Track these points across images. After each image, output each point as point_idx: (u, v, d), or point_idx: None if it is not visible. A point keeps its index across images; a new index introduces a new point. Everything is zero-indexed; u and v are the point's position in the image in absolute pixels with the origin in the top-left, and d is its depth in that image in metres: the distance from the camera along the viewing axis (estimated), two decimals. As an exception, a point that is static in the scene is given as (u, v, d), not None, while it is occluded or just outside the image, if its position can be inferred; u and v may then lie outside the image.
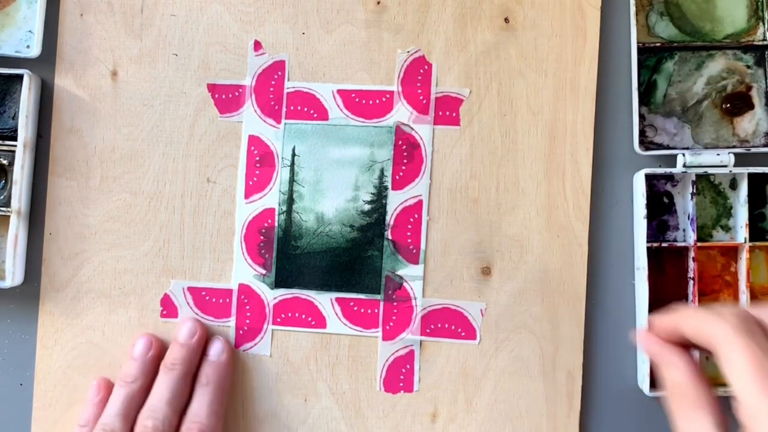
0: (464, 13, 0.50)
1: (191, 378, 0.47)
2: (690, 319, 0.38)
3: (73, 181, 0.50)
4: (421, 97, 0.49)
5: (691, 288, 0.48)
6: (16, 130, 0.49)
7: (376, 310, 0.49)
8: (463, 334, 0.49)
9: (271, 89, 0.50)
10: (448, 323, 0.49)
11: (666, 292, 0.49)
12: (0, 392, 0.51)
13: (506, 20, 0.50)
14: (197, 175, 0.50)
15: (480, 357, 0.48)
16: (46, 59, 0.51)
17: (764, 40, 0.49)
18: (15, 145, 0.49)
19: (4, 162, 0.49)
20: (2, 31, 0.50)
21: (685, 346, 0.39)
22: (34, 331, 0.51)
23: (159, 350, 0.48)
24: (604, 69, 0.50)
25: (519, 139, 0.49)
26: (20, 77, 0.49)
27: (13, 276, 0.49)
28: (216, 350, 0.49)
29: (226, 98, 0.50)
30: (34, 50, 0.50)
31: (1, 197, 0.50)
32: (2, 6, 0.51)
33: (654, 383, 0.48)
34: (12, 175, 0.49)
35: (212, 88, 0.50)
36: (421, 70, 0.49)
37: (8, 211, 0.49)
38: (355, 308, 0.49)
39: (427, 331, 0.49)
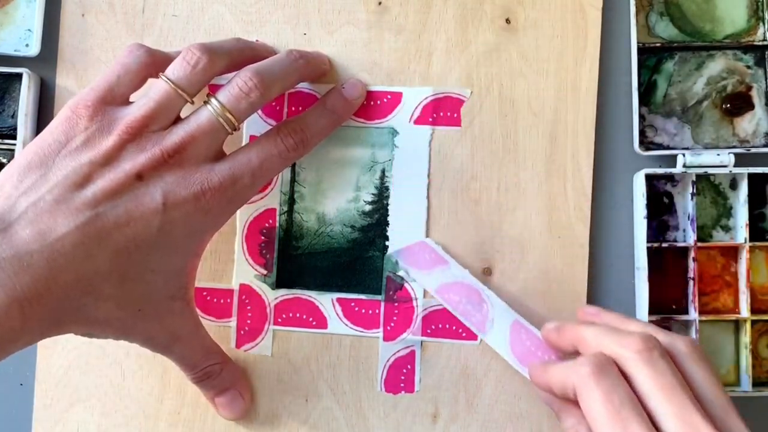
0: (465, 13, 0.50)
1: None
2: (553, 374, 0.41)
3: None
4: None
5: (691, 288, 0.48)
6: (15, 129, 0.50)
7: (377, 311, 0.49)
8: (464, 334, 0.49)
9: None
10: (448, 324, 0.49)
11: (666, 292, 0.49)
12: (0, 392, 0.51)
13: (507, 21, 0.50)
14: (198, 175, 0.50)
15: (481, 357, 0.48)
16: (46, 58, 0.51)
17: (764, 40, 0.49)
18: (14, 144, 0.50)
19: (4, 161, 0.50)
20: (1, 29, 0.51)
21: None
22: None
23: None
24: (604, 69, 0.50)
25: (520, 140, 0.49)
26: (19, 76, 0.50)
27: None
28: (353, 90, 0.49)
29: (228, 99, 0.50)
30: (34, 49, 0.50)
31: (2, 197, 0.50)
32: (1, 5, 0.51)
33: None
34: (12, 175, 0.50)
35: (213, 89, 0.50)
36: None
37: (8, 211, 0.49)
38: (356, 309, 0.49)
39: (428, 331, 0.49)
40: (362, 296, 0.49)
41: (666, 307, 0.49)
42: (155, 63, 0.44)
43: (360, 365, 0.49)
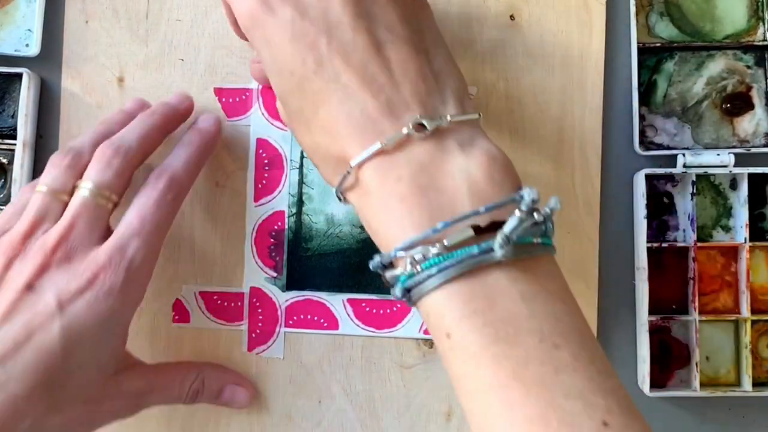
0: (469, 11, 0.50)
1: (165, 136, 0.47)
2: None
3: (82, 188, 0.50)
4: None
5: (691, 288, 0.49)
6: (15, 129, 0.49)
7: (388, 311, 0.50)
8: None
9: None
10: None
11: (666, 292, 0.50)
12: None
13: (512, 17, 0.50)
14: (206, 179, 0.50)
15: (492, 356, 0.49)
16: (46, 58, 0.50)
17: (764, 40, 0.50)
18: (14, 144, 0.49)
19: (4, 161, 0.50)
20: (1, 29, 0.50)
21: None
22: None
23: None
24: (605, 69, 0.50)
25: (527, 136, 0.50)
26: (19, 76, 0.49)
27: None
28: (206, 121, 0.48)
29: (233, 102, 0.50)
30: (33, 49, 0.50)
31: (1, 196, 0.50)
32: (1, 5, 0.50)
33: (654, 383, 0.49)
34: (12, 174, 0.49)
35: (219, 92, 0.50)
36: None
37: (8, 210, 0.49)
38: (368, 309, 0.50)
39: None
40: (373, 296, 0.50)
41: (666, 307, 0.50)
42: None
43: (372, 365, 0.50)
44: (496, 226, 0.34)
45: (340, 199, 0.39)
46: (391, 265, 0.36)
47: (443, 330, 0.34)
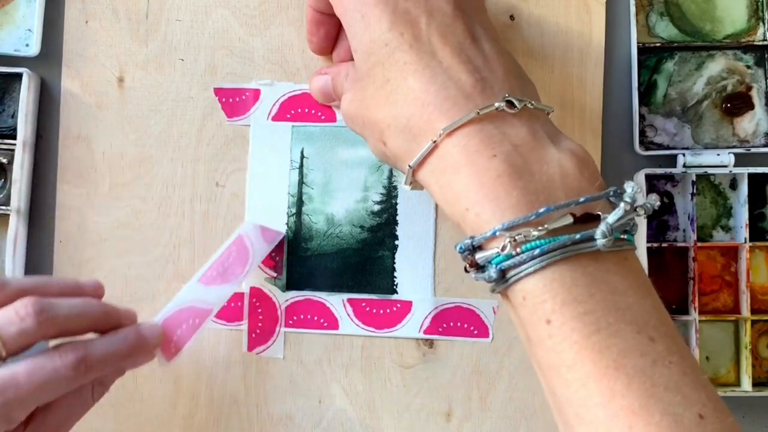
0: (469, 12, 0.50)
1: None
2: None
3: (82, 188, 0.50)
4: None
5: (691, 288, 0.49)
6: (15, 129, 0.49)
7: (388, 311, 0.50)
8: (475, 332, 0.50)
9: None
10: (460, 322, 0.50)
11: (666, 292, 0.50)
12: None
13: (511, 17, 0.50)
14: (206, 179, 0.50)
15: (493, 355, 0.50)
16: (46, 58, 0.50)
17: (764, 40, 0.50)
18: (14, 144, 0.49)
19: (4, 161, 0.50)
20: (1, 29, 0.50)
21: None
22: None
23: None
24: (605, 69, 0.50)
25: (527, 138, 0.50)
26: (19, 76, 0.49)
27: (13, 275, 0.49)
28: (151, 330, 0.43)
29: (233, 102, 0.50)
30: (33, 49, 0.50)
31: (1, 195, 0.50)
32: (1, 5, 0.50)
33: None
34: (11, 174, 0.49)
35: (219, 92, 0.50)
36: None
37: (8, 210, 0.49)
38: (367, 309, 0.50)
39: (439, 330, 0.50)
40: (373, 296, 0.50)
41: (666, 307, 0.49)
42: None
43: (372, 365, 0.50)
44: (590, 217, 0.34)
45: (406, 183, 0.39)
46: (480, 247, 0.36)
47: (543, 316, 0.34)
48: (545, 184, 0.35)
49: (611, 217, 0.34)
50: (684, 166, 0.49)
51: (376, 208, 0.50)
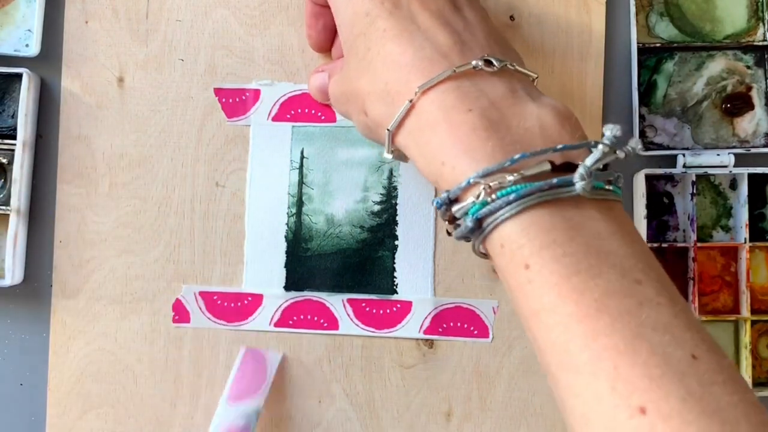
0: (468, 13, 0.50)
1: None
2: None
3: (81, 188, 0.50)
4: None
5: (691, 288, 0.49)
6: (15, 129, 0.49)
7: (388, 311, 0.50)
8: (475, 332, 0.50)
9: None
10: (460, 322, 0.50)
11: (667, 291, 0.50)
12: (0, 392, 0.51)
13: (512, 17, 0.50)
14: (206, 179, 0.50)
15: (493, 355, 0.50)
16: (46, 58, 0.50)
17: (764, 40, 0.50)
18: (14, 144, 0.49)
19: (4, 161, 0.50)
20: (1, 30, 0.50)
21: None
22: (33, 330, 0.51)
23: None
24: (604, 69, 0.50)
25: (526, 138, 0.50)
26: (19, 76, 0.49)
27: (13, 275, 0.49)
28: None
29: (233, 102, 0.50)
30: (33, 49, 0.50)
31: (1, 195, 0.50)
32: (1, 5, 0.50)
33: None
34: (11, 174, 0.49)
35: (219, 93, 0.50)
36: None
37: (8, 210, 0.49)
38: (367, 309, 0.50)
39: (440, 330, 0.50)
40: (373, 296, 0.50)
41: None
42: None
43: (372, 365, 0.50)
44: (570, 167, 0.34)
45: (387, 152, 0.39)
46: (457, 200, 0.35)
47: (521, 261, 0.33)
48: (522, 135, 0.35)
49: (589, 159, 0.34)
50: (684, 166, 0.49)
51: (376, 208, 0.50)
